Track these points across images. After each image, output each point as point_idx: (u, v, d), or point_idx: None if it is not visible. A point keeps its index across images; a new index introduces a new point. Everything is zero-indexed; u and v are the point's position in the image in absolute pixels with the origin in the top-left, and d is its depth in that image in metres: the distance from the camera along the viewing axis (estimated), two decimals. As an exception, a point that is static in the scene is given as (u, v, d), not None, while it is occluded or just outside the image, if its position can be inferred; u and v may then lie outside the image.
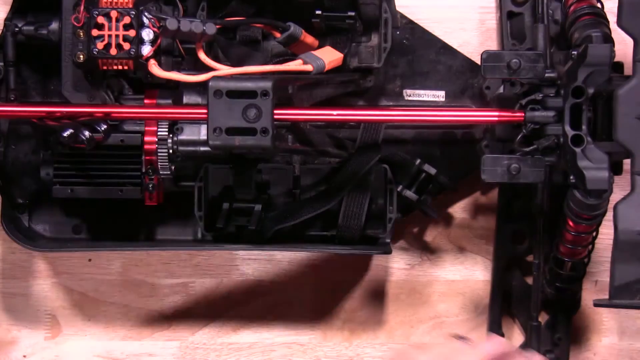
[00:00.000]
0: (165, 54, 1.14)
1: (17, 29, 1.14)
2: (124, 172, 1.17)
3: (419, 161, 1.19)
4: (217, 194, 1.18)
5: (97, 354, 1.28)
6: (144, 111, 1.11)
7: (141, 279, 1.28)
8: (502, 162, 1.09)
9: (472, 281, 1.28)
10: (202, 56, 1.09)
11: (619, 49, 1.12)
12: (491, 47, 1.25)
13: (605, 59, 1.04)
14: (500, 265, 1.25)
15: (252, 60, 1.15)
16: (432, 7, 1.26)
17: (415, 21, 1.22)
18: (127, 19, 1.07)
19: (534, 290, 1.22)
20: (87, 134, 1.07)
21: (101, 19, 1.07)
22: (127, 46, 1.07)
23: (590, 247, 1.16)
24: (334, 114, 1.10)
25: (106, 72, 1.11)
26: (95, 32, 1.07)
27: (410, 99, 1.22)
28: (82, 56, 1.10)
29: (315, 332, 1.29)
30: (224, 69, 1.08)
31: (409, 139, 1.22)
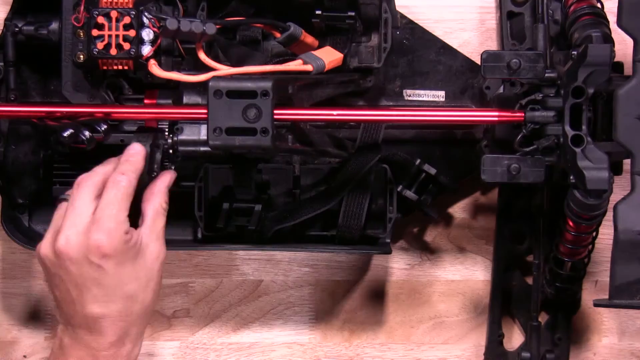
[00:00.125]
0: (165, 54, 1.14)
1: (17, 29, 1.14)
2: (124, 172, 1.17)
3: (419, 161, 1.19)
4: (217, 194, 1.18)
5: (97, 354, 1.28)
6: (144, 111, 1.11)
7: (141, 279, 1.28)
8: (502, 162, 1.09)
9: (472, 281, 1.28)
10: (202, 56, 1.09)
11: (619, 49, 1.12)
12: (491, 47, 1.26)
13: (605, 59, 1.04)
14: (500, 265, 1.26)
15: (252, 60, 1.15)
16: (432, 7, 1.26)
17: (415, 21, 1.22)
18: (127, 19, 1.07)
19: (534, 290, 1.22)
20: (87, 134, 1.07)
21: (101, 19, 1.07)
22: (127, 46, 1.07)
23: (590, 247, 1.16)
24: (334, 114, 1.10)
25: (106, 72, 1.11)
26: (95, 32, 1.07)
27: (410, 99, 1.22)
28: (82, 56, 1.10)
29: (315, 332, 1.29)
30: (224, 69, 1.07)
31: (409, 139, 1.22)
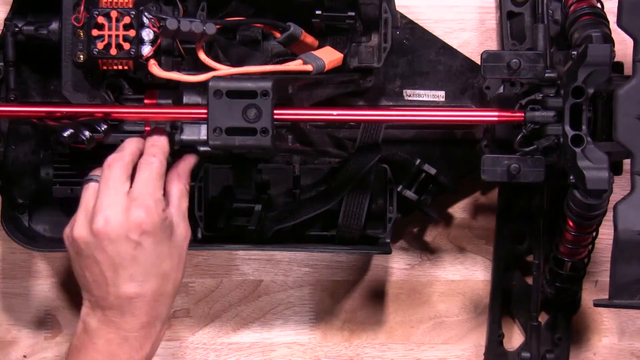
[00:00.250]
0: (165, 54, 1.14)
1: (17, 29, 1.14)
2: (124, 172, 1.17)
3: (419, 161, 1.19)
4: (217, 194, 1.18)
5: (97, 354, 1.28)
6: (144, 111, 1.11)
7: (141, 279, 1.28)
8: (502, 162, 1.09)
9: (472, 281, 1.28)
10: (202, 56, 1.09)
11: (619, 49, 1.12)
12: (491, 47, 1.25)
13: (605, 59, 1.04)
14: (500, 265, 1.25)
15: (252, 60, 1.15)
16: (432, 7, 1.25)
17: (415, 21, 1.22)
18: (127, 19, 1.07)
19: (534, 290, 1.22)
20: (87, 134, 1.07)
21: (101, 19, 1.07)
22: (127, 46, 1.07)
23: (590, 247, 1.16)
24: (334, 114, 1.10)
25: (106, 72, 1.11)
26: (95, 32, 1.07)
27: (410, 99, 1.22)
28: (82, 56, 1.10)
29: (315, 332, 1.29)
30: (224, 69, 1.07)
31: (409, 139, 1.22)
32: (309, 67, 1.08)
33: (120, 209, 1.00)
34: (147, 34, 1.07)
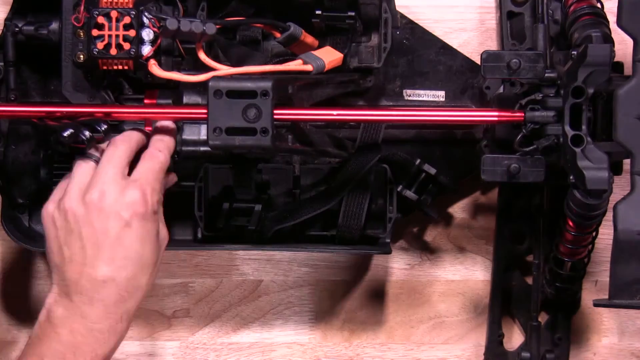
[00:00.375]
0: (165, 54, 1.14)
1: (17, 29, 1.14)
2: (124, 172, 1.17)
3: (419, 161, 1.19)
4: (217, 194, 1.18)
5: (97, 354, 1.28)
6: (144, 111, 1.11)
7: (141, 279, 1.28)
8: (502, 162, 1.09)
9: (472, 281, 1.28)
10: (202, 56, 1.09)
11: (619, 49, 1.12)
12: (491, 47, 1.26)
13: (605, 59, 1.04)
14: (500, 265, 1.26)
15: (252, 60, 1.15)
16: (432, 7, 1.26)
17: (415, 21, 1.22)
18: (127, 19, 1.07)
19: (534, 290, 1.22)
20: (87, 134, 1.07)
21: (101, 19, 1.07)
22: (127, 46, 1.07)
23: (590, 247, 1.16)
24: (334, 114, 1.10)
25: (106, 72, 1.11)
26: (95, 32, 1.07)
27: (410, 99, 1.22)
28: (82, 56, 1.10)
29: (315, 332, 1.29)
30: (224, 69, 1.07)
31: (409, 139, 1.22)
32: (309, 67, 1.08)
33: (117, 187, 1.00)
34: (147, 34, 1.07)
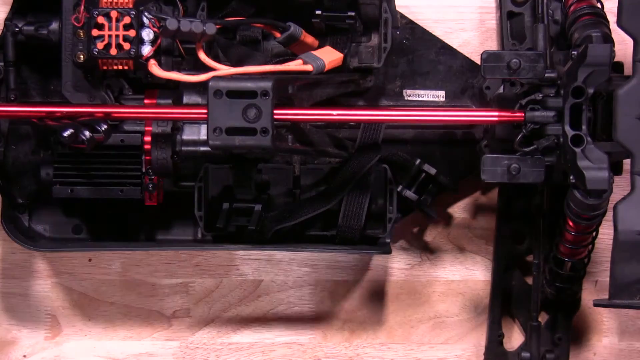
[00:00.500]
0: (165, 54, 1.14)
1: (17, 29, 1.14)
2: (124, 172, 1.17)
3: (419, 161, 1.19)
4: (217, 194, 1.18)
5: (97, 354, 1.28)
6: (144, 111, 1.11)
7: (141, 279, 1.28)
8: (502, 162, 1.09)
9: (472, 281, 1.28)
10: (202, 56, 1.09)
11: (619, 49, 1.13)
12: (491, 47, 1.26)
13: (605, 59, 1.04)
14: (500, 265, 1.26)
15: (252, 60, 1.15)
16: (432, 7, 1.26)
17: (415, 21, 1.22)
18: (127, 19, 1.07)
19: (534, 290, 1.22)
20: (87, 134, 1.07)
21: (101, 19, 1.07)
22: (127, 46, 1.07)
23: (590, 247, 1.16)
24: (334, 114, 1.10)
25: (106, 72, 1.11)
26: (95, 32, 1.07)
27: (410, 99, 1.22)
28: (82, 56, 1.10)
29: (315, 332, 1.29)
30: (224, 69, 1.08)
31: (409, 139, 1.22)
32: (309, 67, 1.08)
33: None
34: (147, 34, 1.07)
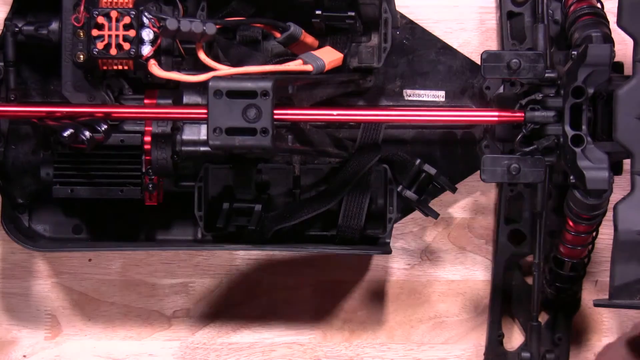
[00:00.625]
0: (165, 54, 1.14)
1: (17, 29, 1.14)
2: (124, 172, 1.17)
3: (419, 161, 1.19)
4: (217, 194, 1.18)
5: (97, 354, 1.28)
6: (144, 111, 1.11)
7: (141, 279, 1.28)
8: (502, 162, 1.09)
9: (472, 281, 1.28)
10: (202, 56, 1.09)
11: (619, 49, 1.12)
12: (491, 47, 1.25)
13: (605, 59, 1.04)
14: (500, 265, 1.25)
15: (252, 60, 1.15)
16: (432, 7, 1.26)
17: (415, 21, 1.22)
18: (127, 19, 1.07)
19: (534, 290, 1.22)
20: (87, 134, 1.07)
21: (101, 19, 1.07)
22: (127, 46, 1.07)
23: (590, 247, 1.16)
24: (334, 114, 1.10)
25: (106, 72, 1.11)
26: (95, 32, 1.07)
27: (410, 99, 1.22)
28: (82, 56, 1.10)
29: (315, 332, 1.29)
30: (224, 69, 1.08)
31: (409, 139, 1.22)
32: (309, 67, 1.08)
33: None
34: (147, 34, 1.07)
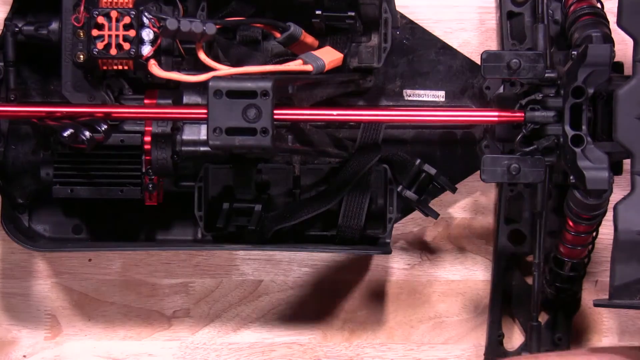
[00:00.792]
0: (165, 54, 1.14)
1: (17, 29, 1.14)
2: (124, 172, 1.17)
3: (419, 161, 1.19)
4: (217, 194, 1.18)
5: (97, 354, 1.28)
6: (144, 111, 1.11)
7: (141, 279, 1.28)
8: (502, 162, 1.09)
9: (472, 281, 1.28)
10: (202, 56, 1.09)
11: (619, 49, 1.12)
12: (491, 47, 1.25)
13: (605, 59, 1.04)
14: (500, 265, 1.25)
15: (252, 60, 1.15)
16: (432, 7, 1.26)
17: (415, 21, 1.22)
18: (127, 19, 1.07)
19: (534, 290, 1.22)
20: (87, 134, 1.07)
21: (101, 19, 1.07)
22: (127, 46, 1.07)
23: (590, 247, 1.16)
24: (334, 114, 1.10)
25: (106, 72, 1.11)
26: (95, 32, 1.07)
27: (410, 99, 1.22)
28: (82, 56, 1.10)
29: (315, 332, 1.29)
30: (224, 69, 1.08)
31: (409, 139, 1.22)
32: (309, 67, 1.08)
33: None
34: (147, 34, 1.07)
